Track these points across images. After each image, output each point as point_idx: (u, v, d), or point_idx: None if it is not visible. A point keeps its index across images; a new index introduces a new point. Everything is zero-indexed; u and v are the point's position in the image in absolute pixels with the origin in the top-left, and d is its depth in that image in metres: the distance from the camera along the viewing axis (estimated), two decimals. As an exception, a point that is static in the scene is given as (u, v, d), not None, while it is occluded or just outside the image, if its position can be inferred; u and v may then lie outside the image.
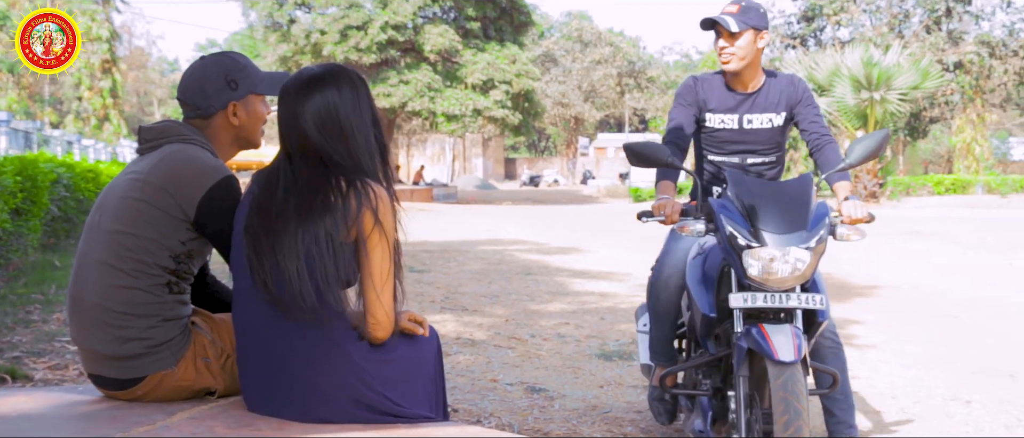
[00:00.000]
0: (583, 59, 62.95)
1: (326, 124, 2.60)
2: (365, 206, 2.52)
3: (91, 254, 2.83)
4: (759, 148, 4.12)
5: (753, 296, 3.35)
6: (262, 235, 2.55)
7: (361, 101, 2.66)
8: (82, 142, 25.45)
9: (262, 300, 2.57)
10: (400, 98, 36.75)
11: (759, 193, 3.47)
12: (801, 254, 3.31)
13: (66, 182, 10.33)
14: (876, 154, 3.66)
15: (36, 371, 5.31)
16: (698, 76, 4.23)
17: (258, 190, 2.64)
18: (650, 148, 3.72)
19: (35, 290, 7.79)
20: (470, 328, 7.27)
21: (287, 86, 2.67)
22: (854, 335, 7.45)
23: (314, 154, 2.59)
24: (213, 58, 3.04)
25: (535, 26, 45.03)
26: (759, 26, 4.00)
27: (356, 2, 36.69)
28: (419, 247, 14.65)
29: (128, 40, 56.54)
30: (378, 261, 2.55)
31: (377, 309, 2.57)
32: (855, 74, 27.03)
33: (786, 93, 4.10)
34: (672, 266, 4.03)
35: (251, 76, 3.01)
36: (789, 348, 3.18)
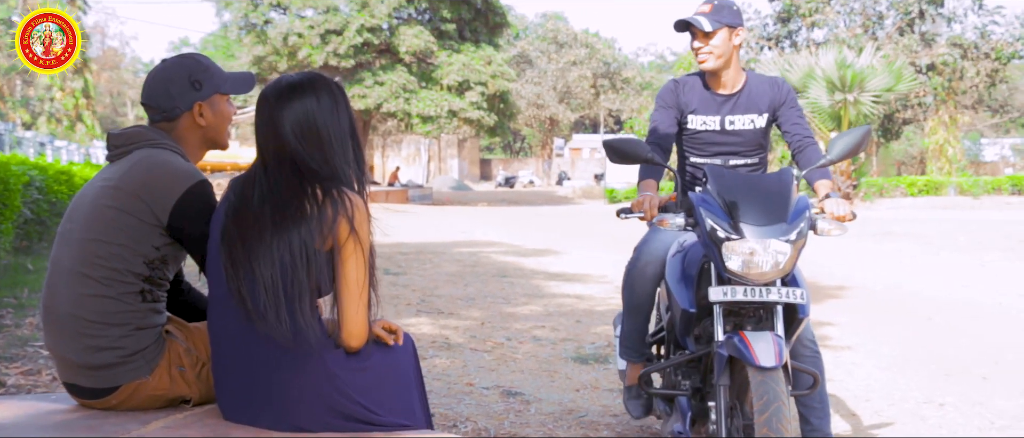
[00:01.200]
0: (558, 60, 63.05)
1: (304, 131, 2.59)
2: (341, 214, 2.52)
3: (63, 262, 2.81)
4: (741, 150, 4.12)
5: (733, 289, 3.35)
6: (238, 243, 2.54)
7: (339, 109, 2.65)
8: (55, 143, 25.23)
9: (237, 308, 2.56)
10: (375, 99, 36.69)
11: (739, 187, 3.47)
12: (781, 247, 3.31)
13: (39, 185, 10.23)
14: (857, 150, 3.67)
15: (8, 376, 5.27)
16: (679, 79, 4.24)
17: (234, 197, 2.62)
18: (630, 144, 3.73)
19: (7, 294, 7.72)
20: (446, 331, 7.26)
21: (265, 93, 2.66)
22: (828, 336, 7.49)
23: (291, 162, 2.58)
24: (175, 60, 3.02)
25: (510, 27, 45.07)
26: (733, 24, 4.02)
27: (333, 4, 36.59)
28: (395, 249, 14.63)
29: (101, 40, 56.13)
30: (353, 270, 2.55)
31: (352, 318, 2.57)
32: (829, 76, 27.19)
33: (769, 94, 4.11)
34: (650, 254, 4.01)
35: (215, 76, 2.99)
36: (770, 353, 3.17)
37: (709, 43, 3.99)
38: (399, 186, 41.68)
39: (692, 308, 3.53)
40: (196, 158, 3.02)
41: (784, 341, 3.32)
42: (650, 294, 4.07)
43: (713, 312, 3.44)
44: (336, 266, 2.55)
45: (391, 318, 7.63)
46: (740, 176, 3.69)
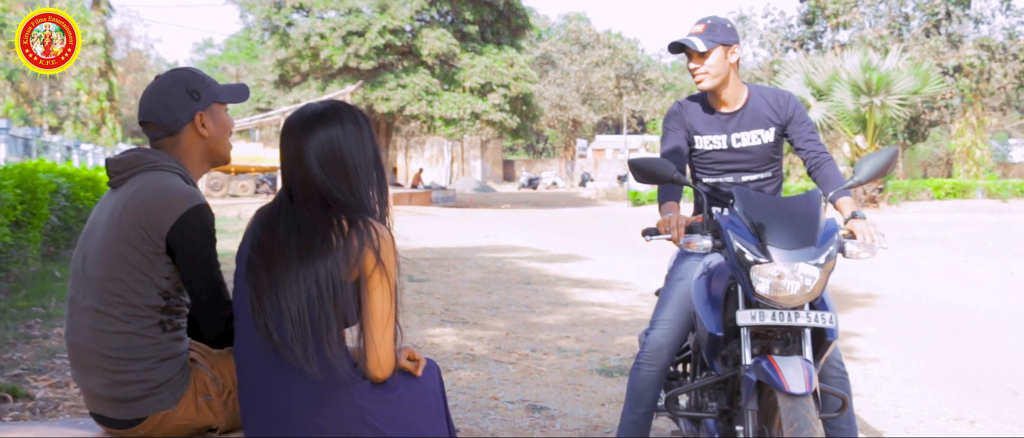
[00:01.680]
0: (581, 61, 62.99)
1: (329, 160, 2.58)
2: (367, 245, 2.51)
3: (80, 300, 2.80)
4: (752, 166, 4.09)
5: (761, 313, 3.31)
6: (263, 276, 2.53)
7: (364, 138, 2.64)
8: (81, 147, 25.39)
9: (263, 340, 2.55)
10: (398, 102, 36.76)
11: (767, 209, 3.43)
12: (810, 271, 3.27)
13: (66, 192, 10.31)
14: (885, 172, 3.63)
15: (37, 389, 5.30)
16: (682, 101, 4.22)
17: (259, 229, 2.62)
18: (655, 164, 3.71)
19: (36, 303, 7.77)
20: (471, 342, 7.25)
21: (290, 122, 2.65)
22: (855, 348, 7.44)
23: (316, 192, 2.57)
24: (169, 74, 2.97)
25: (533, 29, 45.02)
26: (727, 41, 3.99)
27: (355, 7, 36.68)
28: (419, 254, 14.64)
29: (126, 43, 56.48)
30: (379, 302, 2.54)
31: (378, 350, 2.56)
32: (854, 79, 27.00)
33: (774, 109, 4.07)
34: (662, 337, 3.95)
35: (211, 86, 2.96)
36: (800, 379, 3.13)
37: (705, 63, 3.97)
38: (422, 188, 41.73)
39: (719, 332, 3.49)
40: (200, 173, 2.99)
41: (813, 365, 3.29)
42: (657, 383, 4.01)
43: (740, 335, 3.41)
44: (362, 297, 2.54)
45: (416, 328, 7.65)
46: (768, 197, 3.65)
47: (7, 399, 5.05)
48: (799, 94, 28.17)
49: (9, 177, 7.64)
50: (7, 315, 7.17)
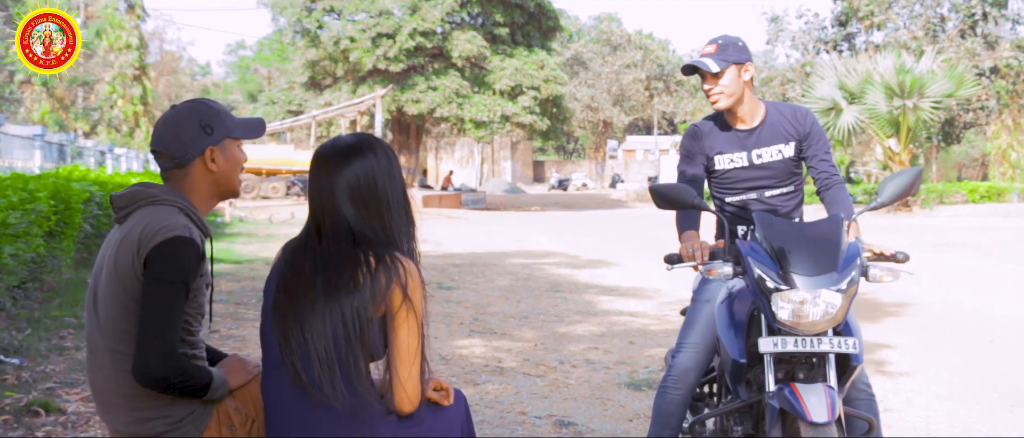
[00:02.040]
0: (613, 63, 62.87)
1: (363, 193, 2.58)
2: (394, 282, 2.51)
3: (96, 340, 2.81)
4: (774, 181, 4.10)
5: (784, 340, 3.30)
6: (289, 313, 2.54)
7: (394, 171, 2.65)
8: (115, 151, 25.63)
9: (291, 378, 2.56)
10: (428, 104, 36.86)
11: (788, 235, 3.42)
12: (832, 297, 3.25)
13: (98, 199, 10.40)
14: (909, 192, 3.62)
15: (69, 403, 5.34)
16: (699, 123, 4.23)
17: (284, 266, 2.62)
18: (675, 190, 3.73)
19: (69, 312, 7.85)
20: (499, 353, 7.25)
21: (322, 154, 2.65)
22: (886, 361, 7.37)
23: (346, 225, 2.57)
24: (185, 105, 2.97)
25: (563, 31, 45.03)
26: (740, 60, 4.00)
27: (386, 9, 36.82)
28: (448, 260, 14.67)
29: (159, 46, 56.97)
30: (405, 337, 2.54)
31: (405, 384, 2.56)
32: (887, 81, 26.79)
33: (793, 124, 4.08)
34: (689, 361, 3.95)
35: (225, 120, 2.96)
36: (823, 408, 3.12)
37: (718, 83, 3.99)
38: (452, 190, 41.78)
39: (742, 358, 3.48)
40: (207, 207, 2.98)
41: (837, 392, 3.27)
42: (682, 407, 4.01)
43: (763, 360, 3.39)
44: (389, 332, 2.54)
45: (445, 339, 7.66)
46: (788, 223, 3.64)
47: (40, 413, 5.10)
48: (831, 97, 27.99)
49: (43, 188, 7.72)
50: (41, 325, 7.25)
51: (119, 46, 35.29)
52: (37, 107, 32.66)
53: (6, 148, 14.59)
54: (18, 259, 6.84)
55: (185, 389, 2.70)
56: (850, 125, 27.69)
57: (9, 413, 5.07)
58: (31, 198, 7.10)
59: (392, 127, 42.64)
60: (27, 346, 6.50)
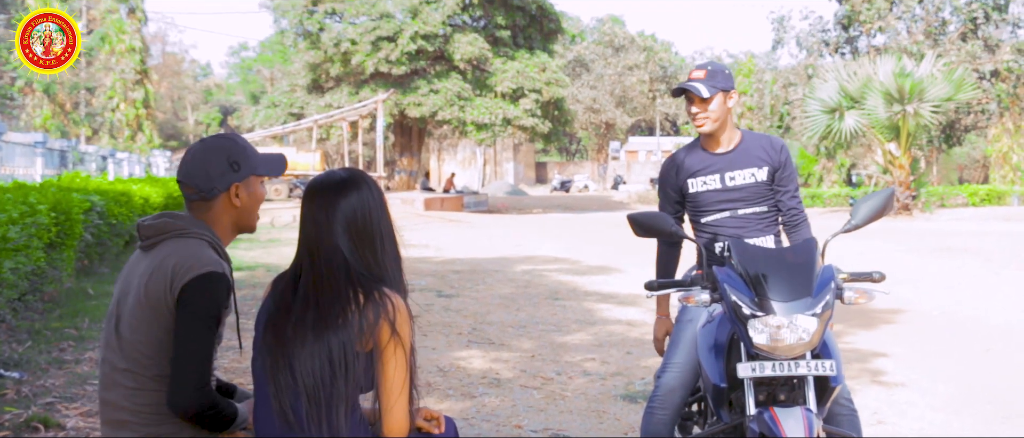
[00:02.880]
0: (615, 64, 62.89)
1: (359, 226, 2.63)
2: (383, 318, 2.55)
3: (113, 361, 2.88)
4: (746, 202, 4.21)
5: (761, 365, 3.36)
6: (278, 351, 2.58)
7: (384, 205, 2.71)
8: (116, 156, 25.68)
9: (276, 414, 2.60)
10: (430, 107, 36.92)
11: (762, 260, 3.49)
12: (807, 321, 3.32)
13: (100, 209, 10.45)
14: (881, 214, 3.73)
15: (68, 418, 5.39)
16: (675, 154, 4.38)
17: (272, 303, 2.66)
18: (653, 219, 3.85)
19: (69, 324, 7.90)
20: (497, 364, 7.29)
21: (317, 187, 2.69)
22: (881, 371, 7.41)
23: (341, 259, 2.61)
24: (214, 140, 3.07)
25: (565, 33, 45.07)
26: (727, 87, 4.14)
27: (387, 12, 36.87)
28: (448, 266, 14.71)
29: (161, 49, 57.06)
30: (393, 371, 2.59)
31: (393, 416, 2.61)
32: (887, 87, 26.82)
33: (766, 151, 4.21)
34: (674, 380, 4.03)
35: (251, 158, 3.04)
36: (799, 430, 3.19)
37: (707, 109, 4.12)
38: (454, 193, 41.82)
39: (723, 383, 3.55)
40: (228, 239, 3.07)
41: (815, 414, 3.34)
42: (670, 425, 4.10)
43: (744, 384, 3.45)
44: (377, 366, 2.59)
45: (443, 349, 7.70)
46: (763, 249, 3.72)
47: (39, 429, 5.15)
48: (834, 100, 28.00)
49: (44, 200, 7.77)
50: (41, 337, 7.30)
51: (120, 50, 35.34)
52: (39, 113, 32.73)
53: (8, 156, 14.64)
54: (18, 272, 6.89)
55: (214, 421, 2.78)
56: (851, 129, 27.72)
57: (8, 429, 5.12)
58: (32, 211, 7.15)
59: (394, 130, 42.72)
60: (27, 359, 6.55)
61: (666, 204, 4.34)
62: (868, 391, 6.73)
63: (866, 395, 6.60)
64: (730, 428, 3.66)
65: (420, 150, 45.20)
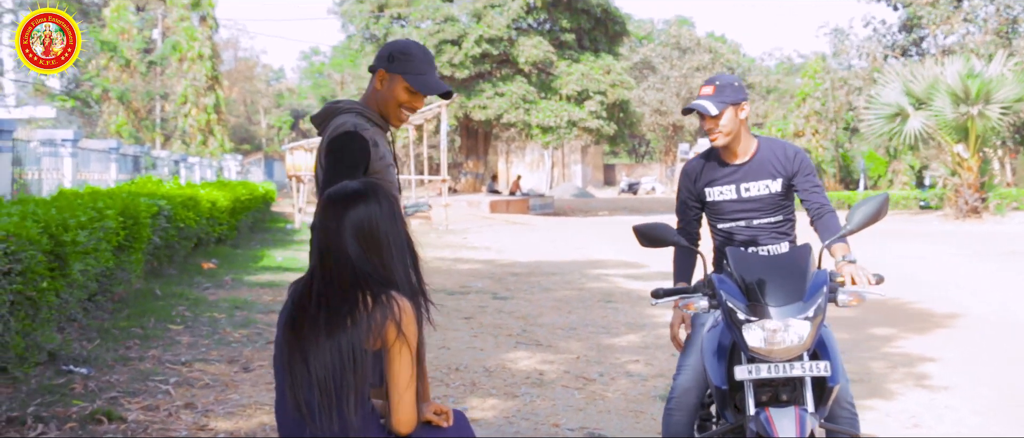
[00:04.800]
0: (681, 66, 62.57)
1: (366, 234, 2.83)
2: (389, 319, 2.76)
3: None
4: (761, 212, 4.33)
5: (757, 367, 3.54)
6: (295, 347, 2.80)
7: (395, 215, 2.90)
8: (188, 160, 26.37)
9: (291, 405, 2.82)
10: (495, 110, 37.18)
11: (756, 267, 3.68)
12: (799, 325, 3.49)
13: (167, 213, 10.84)
14: (877, 219, 3.84)
15: (130, 412, 5.71)
16: (693, 161, 4.52)
17: (291, 304, 2.89)
18: (657, 230, 4.04)
19: (136, 323, 8.26)
20: (542, 366, 7.48)
21: (332, 198, 2.91)
22: (927, 374, 7.45)
23: (349, 263, 2.81)
24: (406, 40, 3.70)
25: (630, 35, 45.00)
26: (736, 100, 4.24)
27: (451, 16, 37.23)
28: (507, 269, 14.91)
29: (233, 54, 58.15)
30: (398, 368, 2.79)
31: (400, 409, 2.82)
32: (953, 88, 26.42)
33: (781, 162, 4.31)
34: (689, 381, 4.17)
35: (407, 63, 3.57)
36: (792, 429, 3.36)
37: (718, 124, 4.23)
38: (520, 195, 42.05)
39: (723, 385, 3.71)
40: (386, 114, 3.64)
41: (810, 414, 3.50)
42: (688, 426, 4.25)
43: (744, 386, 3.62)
44: (385, 363, 2.80)
45: (491, 351, 7.92)
46: (758, 256, 3.90)
47: (103, 421, 5.47)
48: (896, 102, 27.66)
49: (113, 205, 8.14)
50: (110, 336, 7.66)
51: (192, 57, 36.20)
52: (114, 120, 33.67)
53: (83, 162, 15.21)
54: (88, 274, 7.24)
55: None
56: (916, 131, 27.35)
57: (75, 421, 5.45)
58: (100, 216, 7.51)
59: (460, 133, 43.09)
60: (95, 356, 6.90)
61: (685, 208, 4.48)
62: (910, 395, 6.79)
63: (906, 399, 6.66)
64: (734, 428, 3.83)
65: (486, 153, 45.50)
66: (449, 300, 11.00)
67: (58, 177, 13.11)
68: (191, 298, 10.09)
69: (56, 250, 6.40)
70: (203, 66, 36.23)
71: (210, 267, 13.17)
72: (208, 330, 8.39)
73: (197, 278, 12.00)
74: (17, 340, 5.91)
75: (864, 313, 10.54)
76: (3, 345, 5.75)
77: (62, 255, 6.47)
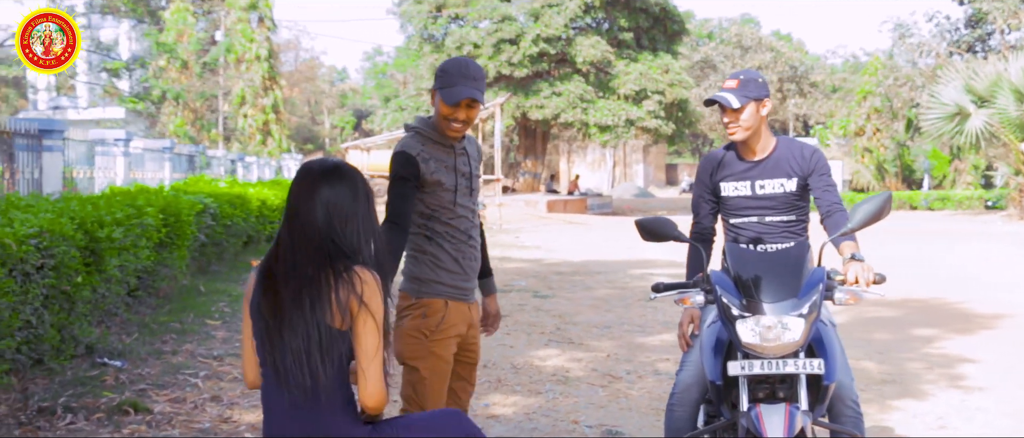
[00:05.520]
0: (743, 65, 62.00)
1: (334, 209, 2.93)
2: (351, 293, 2.83)
3: None
4: (774, 210, 4.29)
5: (750, 363, 3.53)
6: (269, 317, 2.88)
7: (360, 193, 2.98)
8: (245, 160, 26.75)
9: (272, 374, 2.89)
10: (552, 110, 37.20)
11: (753, 263, 3.66)
12: (792, 321, 3.47)
13: (213, 211, 11.04)
14: (879, 217, 3.78)
15: (157, 404, 5.85)
16: (711, 153, 4.49)
17: (261, 276, 2.97)
18: (658, 224, 4.03)
19: (175, 318, 8.44)
20: (570, 363, 7.50)
21: (303, 171, 3.02)
22: (963, 375, 7.34)
23: (315, 229, 2.90)
24: (450, 59, 3.88)
25: (689, 34, 44.71)
26: (759, 96, 4.19)
27: (509, 15, 37.32)
28: (553, 269, 14.93)
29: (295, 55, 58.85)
30: (365, 338, 2.84)
31: (367, 380, 2.85)
32: (1016, 85, 25.85)
33: (798, 161, 4.26)
34: (690, 377, 4.13)
35: (442, 79, 3.75)
36: (779, 427, 3.34)
37: (739, 118, 4.18)
38: (578, 195, 42.01)
39: (718, 380, 3.69)
40: (440, 130, 3.82)
41: (804, 412, 3.48)
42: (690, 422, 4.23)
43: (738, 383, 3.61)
44: (353, 337, 2.86)
45: (522, 349, 7.96)
46: (756, 253, 3.88)
47: (129, 412, 5.61)
48: (956, 101, 27.15)
49: (153, 202, 8.33)
50: (148, 330, 7.84)
51: (249, 59, 36.70)
52: (173, 121, 34.25)
53: (137, 162, 15.53)
54: (126, 269, 7.42)
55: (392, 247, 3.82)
56: (978, 130, 26.81)
57: (103, 411, 5.60)
58: (138, 213, 7.68)
59: (518, 132, 43.16)
60: (130, 350, 7.07)
61: (701, 201, 4.45)
62: (942, 396, 6.70)
63: (937, 400, 6.57)
64: (730, 424, 3.82)
65: (544, 152, 45.54)
66: (488, 298, 11.05)
67: (110, 176, 13.41)
68: (234, 294, 10.27)
69: (91, 246, 6.57)
70: (260, 67, 36.69)
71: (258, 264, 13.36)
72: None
73: (244, 275, 12.21)
74: (52, 333, 6.09)
75: (909, 313, 10.40)
76: (37, 337, 5.92)
77: (97, 251, 6.65)
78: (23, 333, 5.69)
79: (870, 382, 7.08)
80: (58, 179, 10.47)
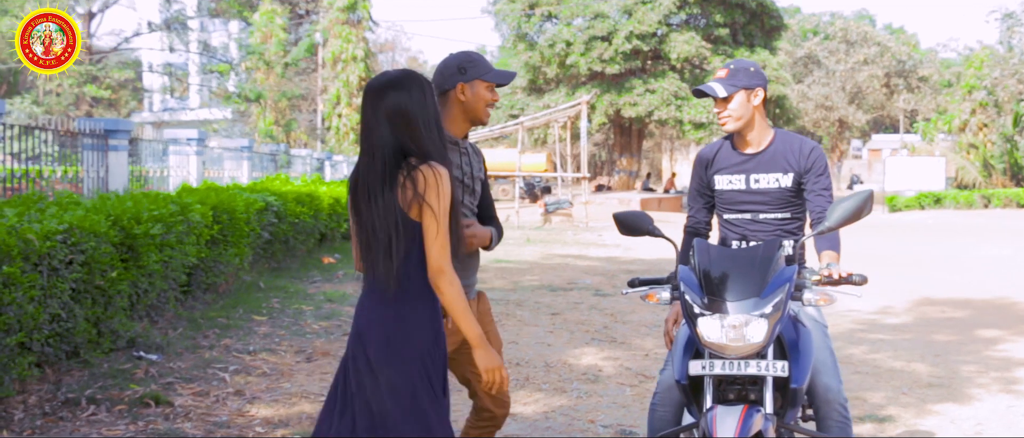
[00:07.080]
0: (847, 60, 60.55)
1: (399, 117, 3.19)
2: (417, 188, 3.14)
3: None
4: (769, 206, 4.14)
5: (711, 363, 3.42)
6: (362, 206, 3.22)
7: (426, 100, 3.23)
8: (333, 159, 27.15)
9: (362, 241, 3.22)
10: (646, 107, 36.93)
11: (719, 261, 3.53)
12: (755, 321, 3.34)
13: (276, 209, 11.22)
14: (858, 216, 3.62)
15: (180, 397, 5.95)
16: (708, 147, 4.35)
17: (355, 176, 3.29)
18: (634, 218, 3.99)
19: (223, 314, 8.58)
20: (604, 362, 7.41)
21: (371, 87, 3.28)
22: (1018, 379, 7.10)
23: (387, 141, 3.18)
24: (454, 54, 3.94)
25: (787, 29, 43.88)
26: (750, 85, 4.06)
27: (601, 12, 37.16)
28: (623, 267, 14.80)
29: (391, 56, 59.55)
30: (428, 223, 3.16)
31: (431, 254, 3.16)
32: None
33: (796, 156, 4.10)
34: (671, 378, 4.01)
35: (479, 66, 3.86)
36: (732, 427, 3.22)
37: (727, 108, 4.06)
38: (673, 193, 41.59)
39: (683, 380, 3.57)
40: (460, 129, 3.91)
41: (767, 415, 3.35)
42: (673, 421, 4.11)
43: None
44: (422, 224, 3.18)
45: (559, 346, 7.92)
46: (724, 250, 3.73)
47: (149, 405, 5.72)
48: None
49: (201, 201, 8.49)
50: (194, 325, 7.99)
51: (346, 59, 37.27)
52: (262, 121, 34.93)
53: (213, 161, 15.88)
54: (171, 265, 7.58)
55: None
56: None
57: (125, 404, 5.72)
58: (182, 211, 7.84)
59: (613, 130, 42.95)
60: (169, 343, 7.21)
61: (696, 195, 4.34)
62: (988, 400, 6.45)
63: (983, 404, 6.33)
64: (697, 425, 3.70)
65: (639, 150, 45.22)
66: (547, 296, 11.01)
67: (183, 175, 13.73)
68: (290, 290, 10.41)
69: (127, 242, 6.73)
70: (357, 67, 37.24)
71: (330, 261, 13.57)
72: (289, 321, 8.65)
73: (312, 272, 12.38)
74: (85, 326, 6.25)
75: (977, 314, 10.05)
76: (69, 331, 6.09)
77: (134, 247, 6.80)
78: (52, 326, 5.86)
79: (916, 385, 6.84)
80: (124, 178, 10.75)
